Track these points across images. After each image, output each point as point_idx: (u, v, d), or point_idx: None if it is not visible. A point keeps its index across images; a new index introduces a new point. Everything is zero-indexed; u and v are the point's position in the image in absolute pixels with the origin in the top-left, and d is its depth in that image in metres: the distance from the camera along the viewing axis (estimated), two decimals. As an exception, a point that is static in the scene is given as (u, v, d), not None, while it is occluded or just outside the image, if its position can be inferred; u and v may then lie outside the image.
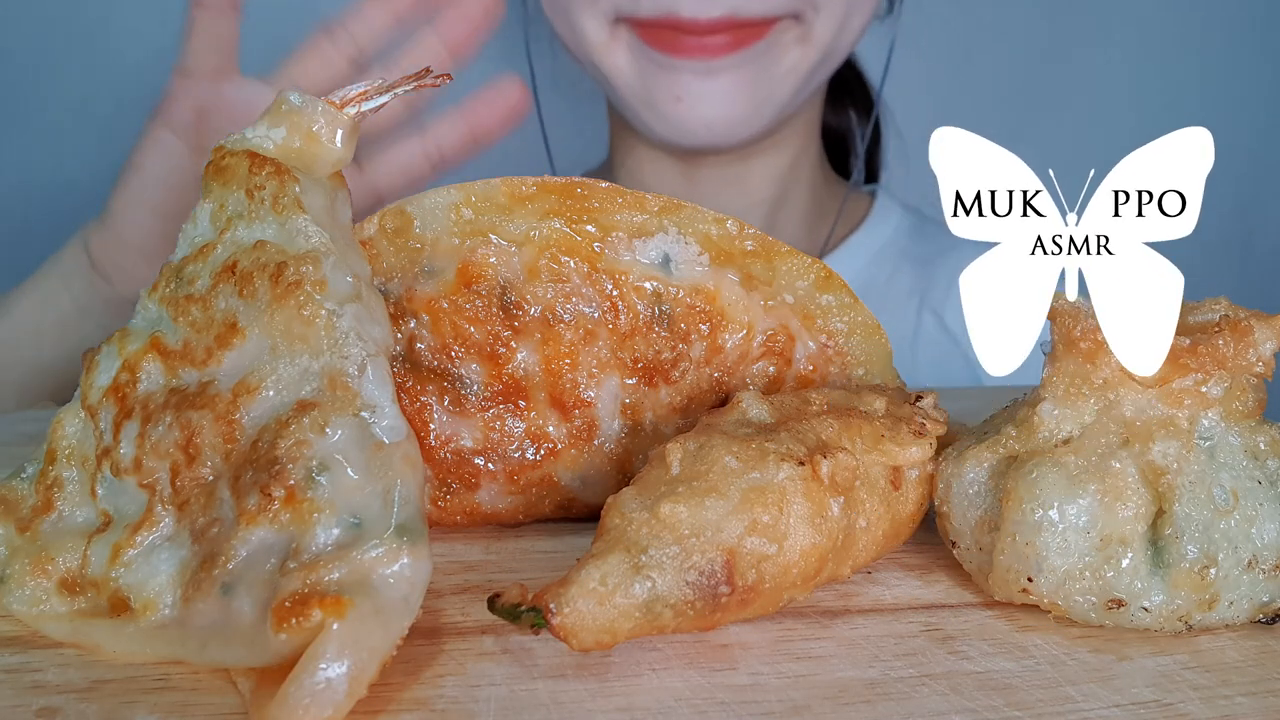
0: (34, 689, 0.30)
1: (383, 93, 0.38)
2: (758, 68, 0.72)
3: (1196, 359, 0.33)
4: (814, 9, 0.71)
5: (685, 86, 0.71)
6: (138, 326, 0.36)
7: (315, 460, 0.30)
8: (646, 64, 0.72)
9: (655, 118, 0.74)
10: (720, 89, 0.71)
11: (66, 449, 0.35)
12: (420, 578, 0.29)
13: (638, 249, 0.40)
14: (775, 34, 0.71)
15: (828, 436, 0.34)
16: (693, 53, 0.70)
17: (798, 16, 0.71)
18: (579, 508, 0.42)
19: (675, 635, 0.32)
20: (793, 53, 0.72)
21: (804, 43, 0.72)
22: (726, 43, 0.70)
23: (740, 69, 0.71)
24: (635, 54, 0.73)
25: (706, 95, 0.71)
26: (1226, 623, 0.33)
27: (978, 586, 0.36)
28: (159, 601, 0.31)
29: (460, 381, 0.40)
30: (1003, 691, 0.30)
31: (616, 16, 0.72)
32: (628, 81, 0.74)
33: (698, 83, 0.71)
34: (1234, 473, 0.34)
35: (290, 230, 0.35)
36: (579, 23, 0.73)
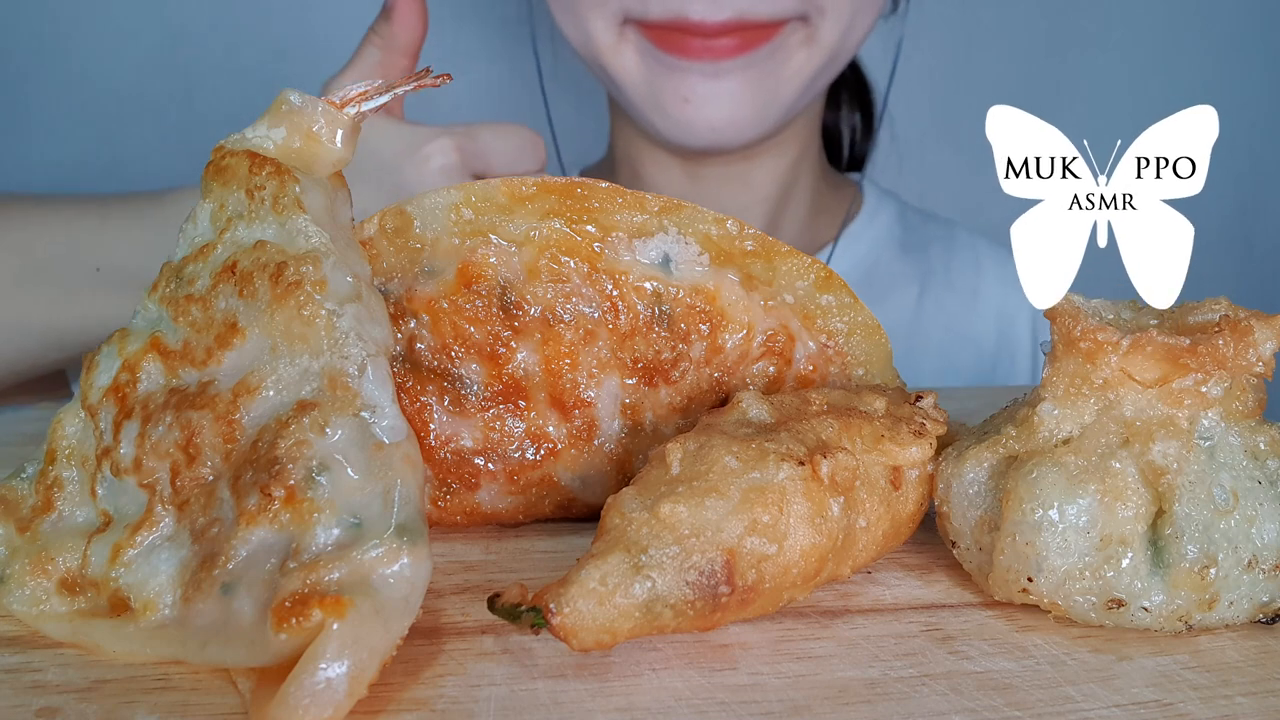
0: (34, 689, 0.30)
1: (383, 93, 0.38)
2: (765, 70, 0.72)
3: (1196, 359, 0.33)
4: (820, 12, 0.72)
5: (693, 88, 0.72)
6: (138, 326, 0.36)
7: (315, 460, 0.30)
8: (654, 65, 0.73)
9: (662, 119, 0.74)
10: (727, 90, 0.72)
11: (66, 449, 0.35)
12: (420, 578, 0.29)
13: (638, 249, 0.40)
14: (782, 36, 0.72)
15: (828, 436, 0.34)
16: (700, 55, 0.71)
17: (804, 19, 0.72)
18: (579, 508, 0.42)
19: (675, 635, 0.32)
20: (799, 55, 0.73)
21: (810, 45, 0.73)
22: (734, 45, 0.71)
23: (747, 71, 0.72)
24: (643, 55, 0.73)
25: (714, 97, 0.72)
26: (1226, 623, 0.33)
27: (978, 586, 0.36)
28: (159, 601, 0.31)
29: (460, 381, 0.40)
30: (1003, 691, 0.30)
31: (625, 18, 0.72)
32: (635, 83, 0.74)
33: (705, 84, 0.72)
34: (1234, 473, 0.34)
35: (290, 230, 0.35)
36: (588, 24, 0.73)
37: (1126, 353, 0.34)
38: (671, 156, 0.81)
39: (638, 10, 0.71)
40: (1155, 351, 0.33)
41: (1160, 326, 0.35)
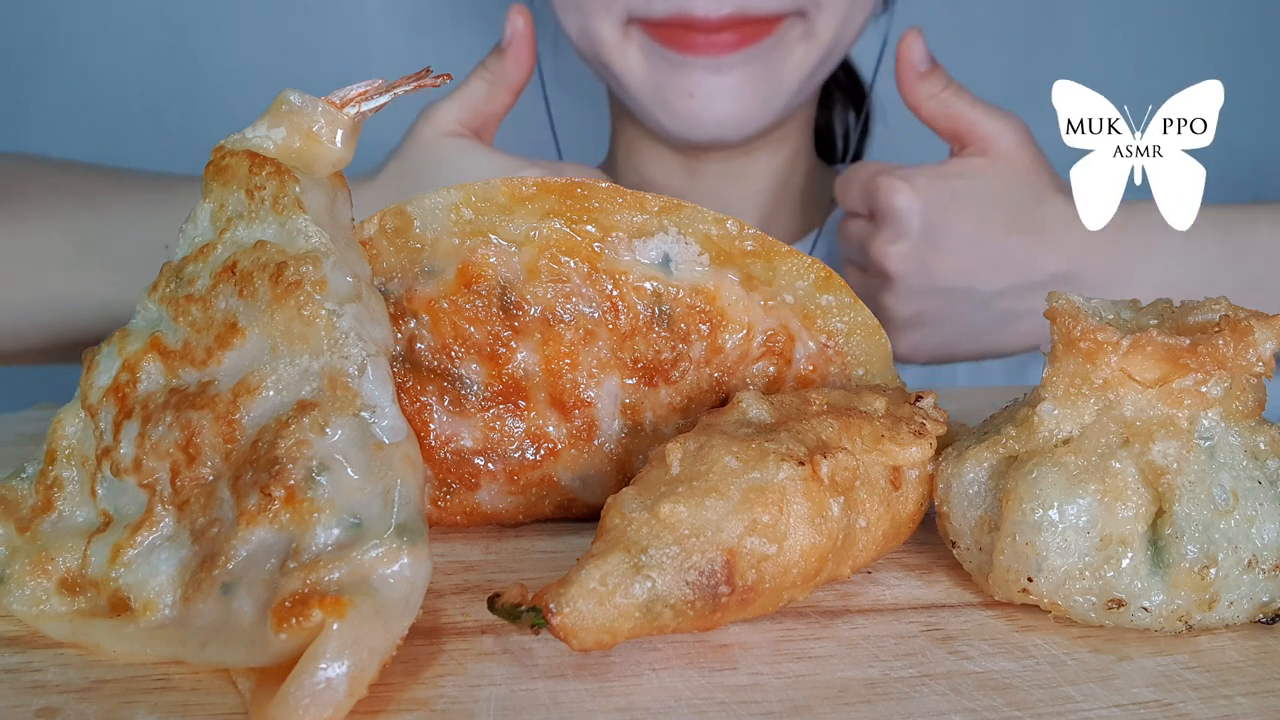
0: (34, 689, 0.30)
1: (383, 92, 0.38)
2: (766, 64, 0.74)
3: (1196, 359, 0.33)
4: (818, 7, 0.73)
5: (697, 83, 0.73)
6: (138, 326, 0.36)
7: (315, 460, 0.30)
8: (658, 62, 0.74)
9: (667, 114, 0.76)
10: (730, 85, 0.74)
11: (66, 449, 0.35)
12: (420, 578, 0.29)
13: (638, 249, 0.40)
14: (781, 31, 0.74)
15: (828, 436, 0.34)
16: (703, 50, 0.72)
17: (803, 14, 0.74)
18: (579, 508, 0.42)
19: (675, 635, 0.32)
20: (798, 50, 0.75)
21: (808, 40, 0.75)
22: (735, 40, 0.72)
23: (749, 65, 0.74)
24: (647, 53, 0.75)
25: (717, 91, 0.74)
26: (1226, 623, 0.33)
27: (978, 586, 0.36)
28: (159, 601, 0.31)
29: (460, 381, 0.40)
30: (1003, 691, 0.30)
31: (629, 17, 0.74)
32: (640, 80, 0.76)
33: (709, 79, 0.73)
34: (1234, 473, 0.34)
35: (290, 230, 0.35)
36: (593, 26, 0.75)
37: (1126, 353, 0.34)
38: (672, 153, 0.82)
39: (642, 9, 0.72)
40: (1155, 351, 0.33)
41: (1160, 326, 0.35)
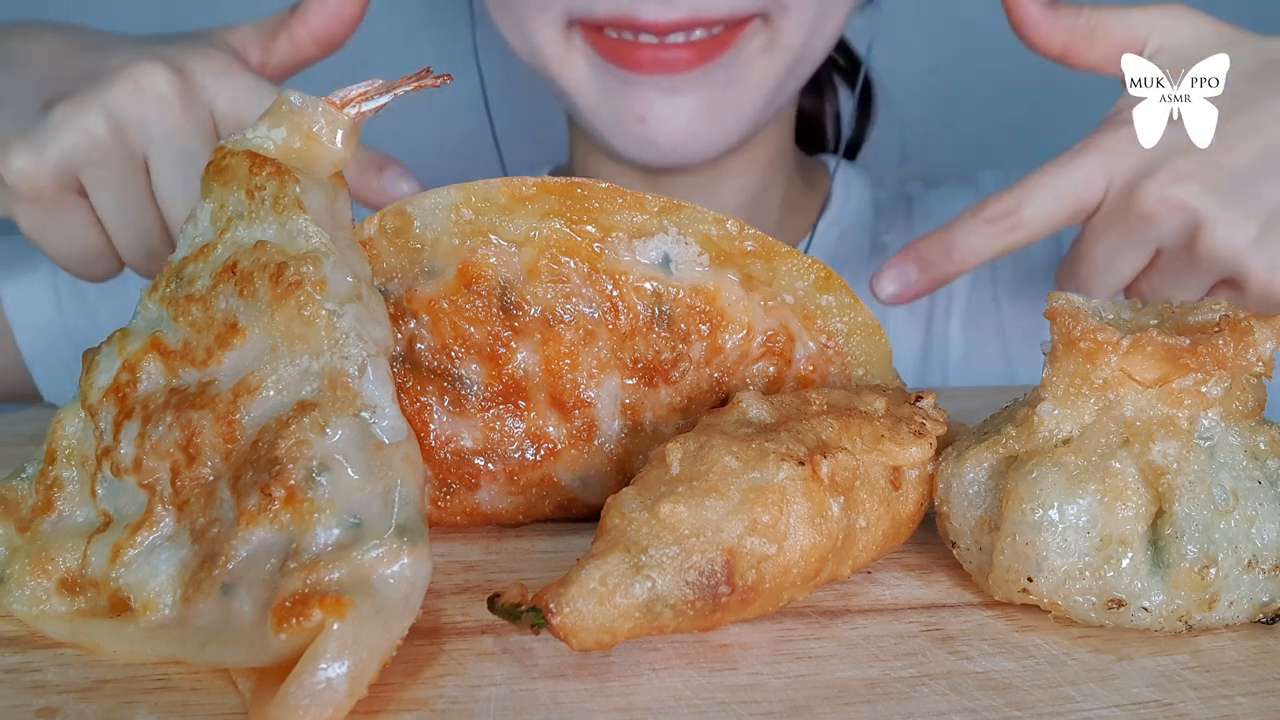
0: (34, 689, 0.30)
1: (383, 93, 0.38)
2: (724, 81, 0.67)
3: (1196, 359, 0.33)
4: (781, 8, 0.66)
5: (649, 105, 0.66)
6: (138, 326, 0.36)
7: (315, 460, 0.30)
8: (606, 78, 0.67)
9: (619, 137, 0.69)
10: (686, 107, 0.67)
11: (66, 449, 0.35)
12: (420, 578, 0.29)
13: (638, 249, 0.40)
14: (740, 43, 0.67)
15: (828, 436, 0.34)
16: (653, 68, 0.65)
17: (765, 16, 0.67)
18: (579, 508, 0.42)
19: (675, 635, 0.32)
20: (760, 62, 0.68)
21: (771, 50, 0.68)
22: (688, 57, 0.65)
23: (706, 83, 0.67)
24: (593, 67, 0.68)
25: (672, 114, 0.67)
26: (1226, 623, 0.33)
27: (978, 586, 0.36)
28: (159, 601, 0.31)
29: (460, 382, 0.40)
30: (1003, 691, 0.30)
31: (570, 19, 0.67)
32: (587, 97, 0.69)
33: (662, 101, 0.66)
34: (1234, 473, 0.34)
35: (290, 230, 0.35)
36: (531, 31, 0.68)
37: (1126, 353, 0.34)
38: (632, 170, 0.76)
39: (583, 8, 0.66)
40: (1155, 351, 0.33)
41: (1160, 327, 0.35)
